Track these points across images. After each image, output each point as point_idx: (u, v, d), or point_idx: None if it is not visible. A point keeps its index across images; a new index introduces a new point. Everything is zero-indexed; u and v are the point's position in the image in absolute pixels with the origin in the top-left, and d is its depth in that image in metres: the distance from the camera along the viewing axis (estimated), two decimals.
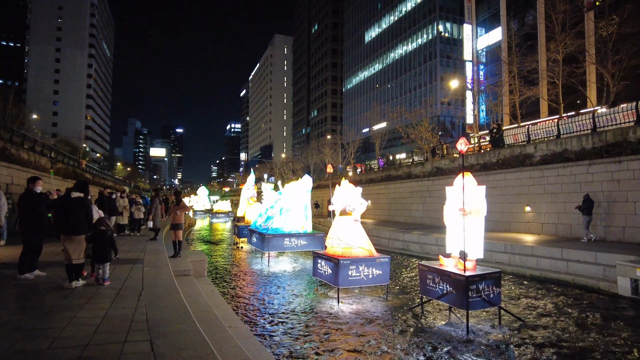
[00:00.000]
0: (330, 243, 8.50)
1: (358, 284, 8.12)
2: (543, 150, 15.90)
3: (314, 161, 49.99)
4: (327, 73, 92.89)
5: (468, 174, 7.15)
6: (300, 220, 13.35)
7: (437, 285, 6.90)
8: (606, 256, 9.85)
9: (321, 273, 8.66)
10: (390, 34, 70.03)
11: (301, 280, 10.35)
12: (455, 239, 7.13)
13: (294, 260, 13.53)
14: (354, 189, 8.65)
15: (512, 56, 28.24)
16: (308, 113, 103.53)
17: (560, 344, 5.83)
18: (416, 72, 63.05)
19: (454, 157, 22.24)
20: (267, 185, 16.35)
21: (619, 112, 13.87)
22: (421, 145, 25.83)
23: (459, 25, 60.55)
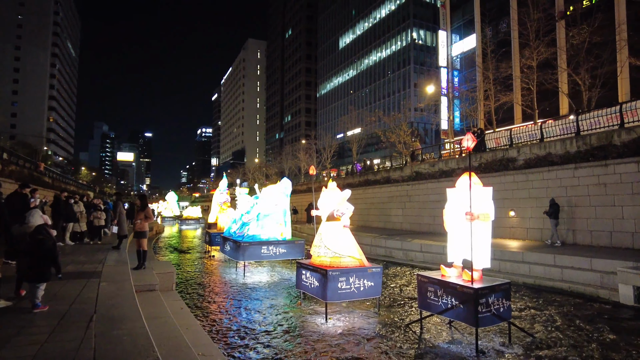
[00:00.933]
0: (317, 252, 7.62)
1: (348, 297, 7.26)
2: (526, 154, 15.62)
3: (288, 166, 49.01)
4: (301, 78, 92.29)
5: (473, 175, 6.45)
6: (279, 227, 12.40)
7: (440, 298, 6.14)
8: (602, 262, 9.42)
9: (306, 285, 7.76)
10: (364, 41, 70.23)
11: (281, 293, 9.39)
12: (458, 247, 6.41)
13: (272, 270, 12.54)
14: (342, 193, 7.82)
15: (487, 62, 28.38)
16: (282, 118, 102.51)
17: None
18: (390, 78, 63.34)
19: (433, 161, 21.85)
20: (241, 190, 15.31)
21: (603, 116, 13.72)
22: (400, 150, 25.38)
23: (433, 33, 61.34)
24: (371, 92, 67.20)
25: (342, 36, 76.82)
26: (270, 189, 12.56)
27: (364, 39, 70.32)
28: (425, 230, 19.48)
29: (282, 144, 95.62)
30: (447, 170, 19.28)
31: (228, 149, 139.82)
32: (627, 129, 12.59)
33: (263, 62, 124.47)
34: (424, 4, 61.28)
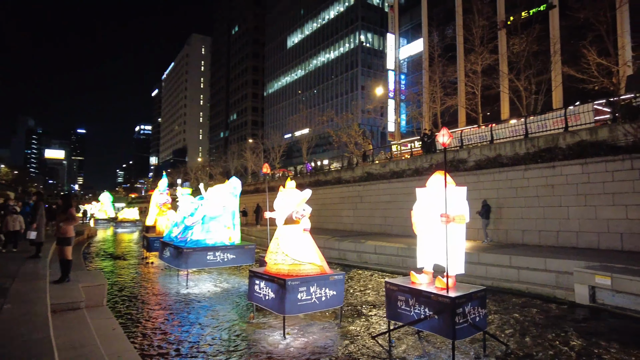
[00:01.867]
0: (273, 259, 6.79)
1: (309, 309, 6.52)
2: (477, 155, 15.82)
3: (234, 165, 47.33)
4: (247, 76, 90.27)
5: (440, 173, 5.99)
6: (227, 230, 11.37)
7: (412, 308, 5.58)
8: (556, 262, 9.48)
9: (259, 297, 6.89)
10: (312, 41, 69.98)
11: (231, 305, 8.44)
12: (429, 251, 5.91)
13: (218, 279, 11.47)
14: (302, 193, 7.07)
15: (434, 66, 29.02)
16: (227, 116, 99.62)
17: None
18: (338, 80, 63.55)
19: (384, 162, 21.74)
20: (183, 191, 14.03)
21: (550, 119, 14.17)
22: (352, 150, 25.10)
23: (380, 37, 62.45)
24: (319, 93, 67.05)
25: (290, 35, 76.03)
26: (218, 189, 11.49)
27: (312, 39, 70.04)
28: (376, 231, 19.24)
29: (227, 143, 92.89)
30: (398, 171, 19.18)
31: (168, 148, 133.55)
32: (572, 133, 13.04)
33: (207, 58, 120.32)
34: (372, 8, 62.17)
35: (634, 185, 10.83)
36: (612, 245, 11.05)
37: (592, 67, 19.15)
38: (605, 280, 7.71)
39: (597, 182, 11.54)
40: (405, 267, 12.36)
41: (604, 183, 11.38)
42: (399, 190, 18.43)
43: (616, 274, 7.60)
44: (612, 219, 11.13)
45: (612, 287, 7.62)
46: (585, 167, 11.79)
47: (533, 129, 14.73)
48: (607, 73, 19.69)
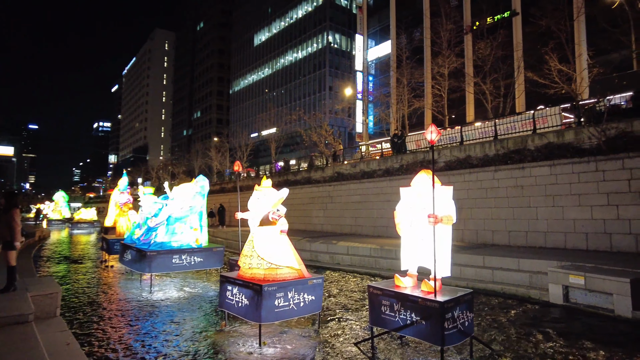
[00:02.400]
0: (247, 263, 6.34)
1: (287, 316, 6.11)
2: (447, 157, 15.93)
3: (198, 164, 45.94)
4: (212, 73, 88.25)
5: (429, 172, 5.78)
6: (194, 232, 10.75)
7: (398, 313, 5.31)
8: (528, 262, 9.56)
9: (231, 304, 6.42)
10: (280, 40, 69.34)
11: (198, 312, 7.89)
12: (414, 253, 5.67)
13: (183, 283, 10.82)
14: (279, 192, 6.67)
15: (402, 68, 29.25)
16: (190, 114, 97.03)
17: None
18: (306, 80, 63.26)
19: (355, 162, 21.61)
20: (145, 190, 13.23)
21: (518, 121, 14.46)
22: (322, 150, 24.82)
23: (348, 38, 62.72)
24: (286, 92, 66.50)
25: (257, 33, 75.01)
26: (184, 188, 10.85)
27: (280, 38, 69.40)
28: (346, 231, 19.04)
29: (190, 142, 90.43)
30: (369, 172, 19.08)
31: (129, 145, 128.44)
32: (540, 135, 13.34)
33: (171, 54, 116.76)
34: (340, 9, 62.32)
35: (598, 187, 11.15)
36: (577, 245, 11.34)
37: (554, 73, 19.85)
38: (579, 280, 7.79)
39: (564, 183, 11.82)
40: (379, 268, 12.19)
41: (570, 184, 11.67)
42: (370, 191, 18.32)
43: (589, 274, 7.69)
44: (578, 219, 11.42)
45: (585, 287, 7.71)
46: (554, 168, 12.06)
47: (502, 131, 14.99)
48: (567, 79, 20.50)
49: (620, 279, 7.25)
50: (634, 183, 10.56)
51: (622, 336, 6.38)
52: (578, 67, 21.42)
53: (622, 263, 8.59)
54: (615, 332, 6.59)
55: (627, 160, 10.73)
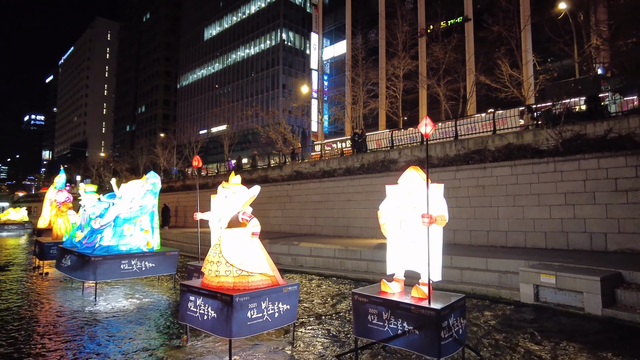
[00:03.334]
0: (214, 270, 5.59)
1: (260, 329, 5.45)
2: (407, 156, 15.89)
3: (143, 161, 43.35)
4: (159, 67, 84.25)
5: (417, 169, 5.39)
6: (145, 234, 9.71)
7: (387, 323, 4.85)
8: (496, 262, 9.55)
9: (195, 317, 5.63)
10: (231, 35, 67.50)
11: (152, 325, 6.98)
12: (402, 256, 5.24)
13: (132, 291, 9.75)
14: (250, 190, 6.00)
15: (358, 68, 29.25)
16: (134, 109, 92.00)
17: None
18: (258, 77, 62.07)
19: (314, 160, 21.13)
20: (87, 188, 11.90)
21: (479, 122, 14.67)
22: (280, 148, 24.08)
23: (302, 37, 62.28)
24: (238, 89, 64.84)
25: (208, 27, 72.53)
26: (134, 186, 9.77)
27: (231, 33, 67.54)
28: (306, 232, 18.50)
29: (133, 137, 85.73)
30: (329, 170, 18.67)
31: (66, 141, 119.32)
32: (500, 136, 13.59)
33: (114, 45, 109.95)
34: (294, 7, 61.74)
35: (556, 187, 11.46)
36: (537, 244, 11.59)
37: (505, 78, 20.59)
38: (550, 279, 7.80)
39: (524, 183, 12.06)
40: (344, 269, 11.77)
41: (530, 184, 11.92)
42: (330, 190, 17.91)
43: (560, 273, 7.72)
44: (537, 219, 11.68)
45: (556, 286, 7.73)
46: (514, 168, 12.27)
47: (462, 132, 15.16)
48: (517, 84, 21.37)
49: (591, 277, 7.31)
50: (589, 183, 10.95)
51: (601, 335, 6.37)
52: (525, 74, 22.41)
53: (582, 261, 8.77)
54: (597, 330, 6.58)
55: (582, 161, 11.10)
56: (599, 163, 10.83)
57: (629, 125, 11.06)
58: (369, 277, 10.96)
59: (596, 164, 10.86)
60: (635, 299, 7.14)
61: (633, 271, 7.66)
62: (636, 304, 7.10)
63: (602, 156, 10.76)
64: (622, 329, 6.64)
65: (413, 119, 32.53)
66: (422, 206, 4.99)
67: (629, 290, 7.29)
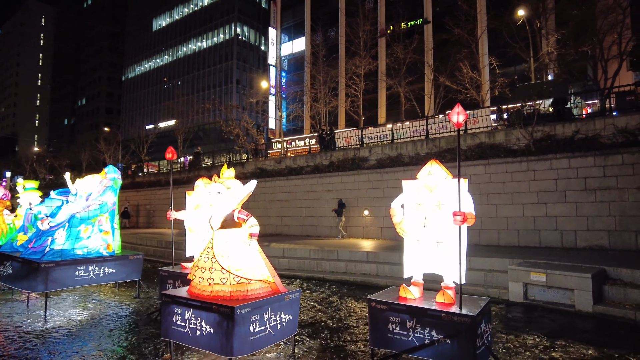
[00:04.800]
0: (206, 277, 4.83)
1: (263, 344, 4.78)
2: (378, 154, 15.67)
3: (86, 158, 40.16)
4: (103, 57, 78.87)
5: (437, 163, 5.00)
6: (105, 236, 8.59)
7: (412, 332, 4.38)
8: (480, 261, 9.47)
9: (183, 333, 4.83)
10: (183, 27, 64.62)
11: (117, 342, 6.04)
12: (422, 257, 4.81)
13: (85, 301, 8.59)
14: (245, 186, 5.30)
15: (318, 66, 28.83)
16: (74, 101, 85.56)
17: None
18: (211, 71, 59.92)
19: (280, 157, 20.38)
20: (27, 184, 10.45)
21: (450, 121, 14.71)
22: (242, 144, 23.02)
23: (257, 32, 60.96)
24: (188, 83, 62.17)
25: (157, 17, 68.88)
26: (91, 181, 8.61)
27: (182, 25, 64.63)
28: (271, 232, 17.76)
29: (73, 131, 79.74)
30: (296, 168, 18.05)
31: None
32: (472, 135, 13.70)
33: (50, 31, 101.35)
34: (249, 1, 60.24)
35: (529, 186, 11.69)
36: (510, 242, 11.76)
37: (466, 80, 21.06)
38: (540, 277, 7.77)
39: (497, 182, 12.19)
40: (322, 270, 11.25)
41: (504, 183, 12.08)
42: (298, 188, 17.31)
43: (550, 271, 7.71)
44: (510, 217, 11.86)
45: (547, 284, 7.71)
46: (488, 167, 12.39)
47: (433, 131, 15.18)
48: (477, 86, 21.97)
49: (581, 274, 7.34)
50: (560, 182, 11.25)
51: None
52: (483, 77, 23.13)
53: (563, 258, 8.92)
54: (593, 327, 6.55)
55: (554, 161, 11.39)
56: (569, 163, 11.15)
57: (594, 127, 11.50)
58: (349, 278, 10.53)
59: (567, 163, 11.17)
60: (623, 295, 7.26)
61: (617, 267, 7.82)
62: (624, 300, 7.21)
63: (573, 156, 11.09)
64: (615, 324, 6.70)
65: (372, 119, 32.65)
66: (448, 203, 4.60)
67: (616, 286, 7.41)
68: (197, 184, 7.03)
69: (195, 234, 7.04)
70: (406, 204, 4.99)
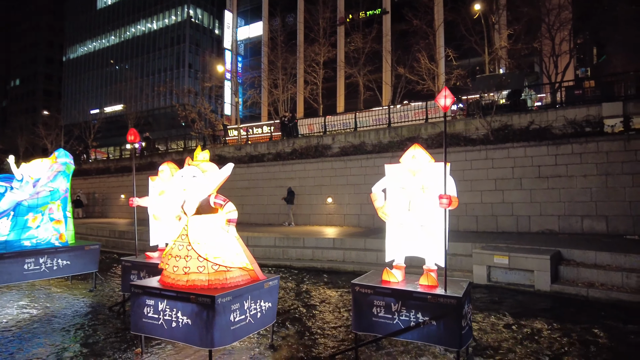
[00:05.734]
0: (181, 266, 4.54)
1: (244, 333, 4.59)
2: (341, 142, 15.67)
3: (23, 143, 37.11)
4: (40, 36, 72.75)
5: (420, 147, 5.00)
6: (57, 225, 7.92)
7: (397, 315, 4.38)
8: None
9: (157, 326, 4.53)
10: (131, 6, 60.90)
11: (77, 336, 5.60)
12: (405, 241, 4.81)
13: (34, 296, 7.91)
14: (222, 169, 5.03)
15: (277, 52, 28.29)
16: (6, 82, 78.46)
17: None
18: (162, 53, 57.18)
19: (240, 144, 19.85)
20: None
21: (411, 110, 14.99)
22: (200, 129, 22.13)
23: (210, 15, 58.83)
24: (137, 66, 58.94)
25: None
26: (39, 166, 7.89)
27: (130, 4, 60.90)
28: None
29: (5, 115, 73.28)
30: (257, 155, 17.67)
31: None
32: (432, 124, 14.02)
33: None
34: None
35: (487, 173, 12.17)
36: (469, 227, 12.23)
37: (423, 71, 21.52)
38: (503, 260, 8.12)
39: (457, 170, 12.55)
40: (288, 258, 11.12)
41: (463, 171, 12.49)
42: (259, 176, 16.97)
43: (513, 253, 8.07)
44: (469, 203, 12.31)
45: (509, 266, 8.07)
46: (448, 156, 12.69)
47: (395, 119, 15.38)
48: (434, 77, 22.53)
49: (541, 256, 7.75)
50: (517, 170, 11.81)
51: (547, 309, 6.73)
52: (440, 68, 23.78)
53: (521, 242, 9.41)
54: (551, 304, 6.94)
55: (511, 149, 11.93)
56: (525, 152, 11.72)
57: (547, 118, 12.14)
58: (317, 265, 10.49)
59: (523, 152, 11.74)
60: (576, 274, 7.75)
61: (570, 249, 8.35)
62: (577, 278, 7.71)
63: (529, 145, 11.66)
64: (571, 301, 7.15)
65: (331, 108, 32.60)
66: (431, 187, 4.61)
67: (570, 267, 7.90)
68: (161, 168, 6.62)
69: (160, 222, 6.65)
70: (389, 187, 4.95)
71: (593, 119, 11.33)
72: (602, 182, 10.68)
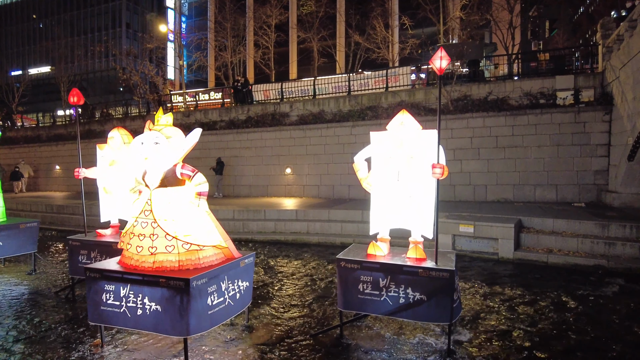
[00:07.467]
0: (148, 246, 3.98)
1: (223, 317, 4.18)
2: (300, 110, 15.11)
3: None
4: None
5: (407, 113, 4.71)
6: None
7: (386, 291, 4.17)
8: None
9: (119, 314, 3.98)
10: None
11: (17, 327, 4.91)
12: (390, 213, 4.56)
13: None
14: (189, 135, 4.45)
15: (225, 12, 26.55)
16: None
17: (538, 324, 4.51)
18: (95, 10, 51.97)
19: (187, 110, 18.59)
20: None
21: (371, 79, 14.68)
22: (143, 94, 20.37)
23: None
24: (67, 23, 53.20)
25: None
26: None
27: None
28: None
29: None
30: (208, 123, 16.64)
31: None
32: (393, 93, 13.84)
33: None
34: None
35: (447, 143, 12.21)
36: None
37: (379, 39, 21.19)
38: (468, 229, 8.24)
39: None
40: (249, 231, 10.67)
41: None
42: (211, 145, 16.05)
43: (478, 222, 8.21)
44: None
45: (474, 234, 8.22)
46: None
47: (355, 87, 15.02)
48: (388, 45, 22.30)
49: (505, 225, 7.95)
50: (475, 140, 12.02)
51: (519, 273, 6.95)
52: (394, 37, 23.55)
53: (482, 210, 9.64)
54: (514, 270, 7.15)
55: (470, 120, 12.08)
56: (484, 122, 11.91)
57: (505, 89, 12.35)
58: (280, 237, 10.15)
59: (482, 122, 11.93)
60: (536, 241, 8.06)
61: (530, 217, 8.65)
62: (536, 245, 8.02)
63: (487, 115, 11.85)
64: (533, 267, 7.43)
65: (284, 74, 31.51)
66: (419, 156, 4.35)
67: (530, 234, 8.19)
68: (111, 135, 5.85)
69: (111, 195, 5.92)
70: (375, 157, 4.66)
71: (547, 91, 11.67)
72: (554, 152, 11.14)
